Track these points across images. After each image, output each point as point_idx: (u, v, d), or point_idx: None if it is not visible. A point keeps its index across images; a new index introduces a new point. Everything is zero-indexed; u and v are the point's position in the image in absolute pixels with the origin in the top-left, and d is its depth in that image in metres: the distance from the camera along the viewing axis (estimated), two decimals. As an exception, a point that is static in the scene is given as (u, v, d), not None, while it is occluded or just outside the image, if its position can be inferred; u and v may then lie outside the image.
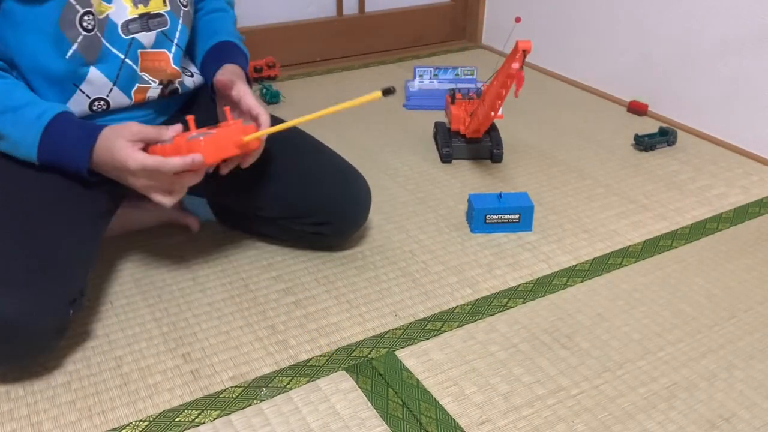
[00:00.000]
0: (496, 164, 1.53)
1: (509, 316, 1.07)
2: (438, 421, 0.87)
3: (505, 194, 1.29)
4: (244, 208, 1.17)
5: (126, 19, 0.97)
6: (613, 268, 1.18)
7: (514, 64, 1.22)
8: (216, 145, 0.92)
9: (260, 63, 1.97)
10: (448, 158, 1.54)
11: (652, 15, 1.75)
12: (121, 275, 1.14)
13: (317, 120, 1.74)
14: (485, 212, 1.25)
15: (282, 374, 0.94)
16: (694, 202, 1.40)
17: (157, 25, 1.01)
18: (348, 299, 1.10)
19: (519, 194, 1.29)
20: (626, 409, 0.90)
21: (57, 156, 0.93)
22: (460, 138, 1.54)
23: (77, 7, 0.92)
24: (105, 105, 1.00)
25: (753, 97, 1.57)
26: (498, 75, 1.29)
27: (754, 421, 0.88)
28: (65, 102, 0.97)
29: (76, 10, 0.92)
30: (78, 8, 0.92)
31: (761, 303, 1.10)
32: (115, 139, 0.91)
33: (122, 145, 0.90)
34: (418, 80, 1.92)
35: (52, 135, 0.91)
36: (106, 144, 0.91)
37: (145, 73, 1.02)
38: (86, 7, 0.93)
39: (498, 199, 1.27)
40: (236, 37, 1.17)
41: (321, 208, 1.13)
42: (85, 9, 0.93)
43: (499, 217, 1.25)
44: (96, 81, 0.98)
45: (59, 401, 0.89)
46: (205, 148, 0.91)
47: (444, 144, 1.54)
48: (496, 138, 1.54)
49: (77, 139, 0.92)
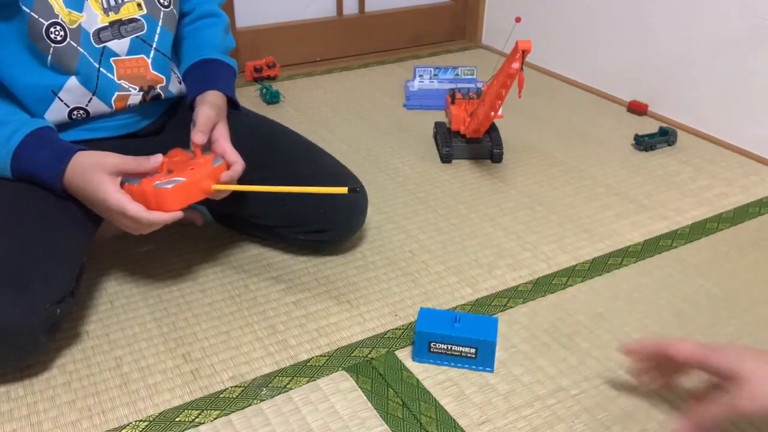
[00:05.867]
0: (496, 164, 1.53)
1: (509, 316, 1.07)
2: (438, 421, 0.87)
3: (465, 316, 0.97)
4: (241, 216, 1.16)
5: (97, 28, 0.96)
6: (613, 268, 1.18)
7: (514, 64, 1.22)
8: (183, 194, 0.92)
9: (260, 63, 1.97)
10: (448, 158, 1.54)
11: (652, 15, 1.75)
12: (121, 275, 1.14)
13: (316, 119, 1.76)
14: (430, 338, 0.94)
15: (282, 374, 0.94)
16: (694, 202, 1.40)
17: (131, 31, 0.99)
18: (348, 299, 1.10)
19: (484, 319, 0.97)
20: (626, 409, 0.90)
21: (30, 176, 0.92)
22: (460, 138, 1.54)
23: (41, 20, 0.90)
24: (84, 114, 0.99)
25: (753, 97, 1.57)
26: (498, 75, 1.29)
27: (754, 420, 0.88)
28: (44, 111, 0.96)
29: (40, 23, 0.90)
30: (42, 21, 0.90)
31: (761, 303, 1.10)
32: (93, 172, 0.90)
33: (101, 180, 0.89)
34: (418, 80, 1.92)
35: (22, 157, 0.91)
36: (81, 172, 0.90)
37: (123, 80, 1.00)
38: (51, 19, 0.90)
39: (454, 322, 0.95)
40: (222, 48, 1.14)
41: (318, 217, 1.12)
42: (50, 21, 0.90)
43: (448, 347, 0.95)
44: (74, 90, 0.96)
45: (59, 401, 0.89)
46: (172, 197, 0.91)
47: (444, 144, 1.54)
48: (496, 138, 1.54)
49: (48, 161, 0.91)
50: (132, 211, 0.89)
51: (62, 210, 0.95)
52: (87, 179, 0.90)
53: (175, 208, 0.92)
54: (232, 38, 1.19)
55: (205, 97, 1.05)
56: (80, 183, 0.91)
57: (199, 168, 0.94)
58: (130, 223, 0.92)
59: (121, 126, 1.05)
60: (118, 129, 1.05)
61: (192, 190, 0.93)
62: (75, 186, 0.92)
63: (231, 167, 0.98)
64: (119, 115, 1.04)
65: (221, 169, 0.97)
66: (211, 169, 0.95)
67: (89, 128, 1.02)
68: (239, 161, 0.99)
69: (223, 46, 1.15)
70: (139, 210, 0.90)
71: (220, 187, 0.95)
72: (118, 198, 0.89)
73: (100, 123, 1.02)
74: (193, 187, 0.93)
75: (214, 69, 1.11)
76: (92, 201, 0.92)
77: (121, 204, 0.89)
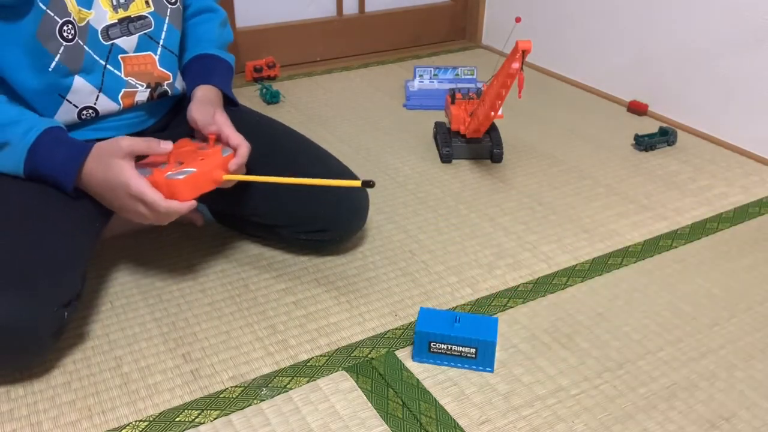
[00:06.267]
0: (496, 164, 1.53)
1: (509, 316, 1.07)
2: (438, 421, 0.87)
3: (465, 316, 0.98)
4: (242, 215, 1.16)
5: (105, 25, 0.96)
6: (613, 268, 1.18)
7: (514, 64, 1.22)
8: (194, 185, 0.92)
9: (260, 63, 1.97)
10: (448, 158, 1.54)
11: (652, 15, 1.75)
12: (121, 275, 1.14)
13: (317, 119, 1.76)
14: (430, 338, 0.95)
15: (282, 374, 0.94)
16: (694, 202, 1.40)
17: (139, 28, 0.99)
18: (348, 299, 1.10)
19: (484, 319, 0.97)
20: (626, 409, 0.90)
21: (43, 175, 0.92)
22: (460, 138, 1.54)
23: (56, 18, 0.90)
24: (93, 113, 0.99)
25: (753, 97, 1.57)
26: (498, 75, 1.29)
27: (754, 421, 0.88)
28: (53, 113, 0.96)
29: (55, 21, 0.90)
30: (57, 19, 0.90)
31: (761, 303, 1.10)
32: (109, 158, 0.90)
33: (121, 165, 0.90)
34: (418, 80, 1.92)
35: (37, 154, 0.91)
36: (98, 164, 0.91)
37: (131, 77, 1.00)
38: (65, 17, 0.90)
39: (454, 322, 0.96)
40: (219, 43, 1.14)
41: (319, 217, 1.12)
42: (64, 19, 0.90)
43: (448, 347, 0.96)
44: (81, 90, 0.96)
45: (59, 401, 0.89)
46: (184, 188, 0.91)
47: (444, 144, 1.53)
48: (496, 138, 1.54)
49: (64, 158, 0.91)
50: (150, 198, 0.89)
51: (70, 211, 0.95)
52: (107, 165, 0.90)
53: (186, 199, 0.92)
54: (230, 32, 1.18)
55: (194, 93, 1.05)
56: (99, 172, 0.91)
57: (209, 158, 0.95)
58: (146, 210, 0.91)
59: (129, 125, 1.05)
60: (126, 128, 1.05)
61: (202, 181, 0.94)
62: (95, 176, 0.92)
63: (237, 151, 0.98)
64: (126, 114, 1.04)
65: (230, 158, 0.97)
66: (221, 159, 0.96)
67: (97, 128, 1.02)
68: (244, 143, 0.99)
69: (220, 40, 1.15)
70: (157, 198, 0.90)
71: (230, 177, 0.96)
72: (138, 183, 0.89)
73: (107, 122, 1.02)
74: (204, 178, 0.94)
75: (210, 64, 1.11)
76: (111, 188, 0.91)
77: (141, 189, 0.89)
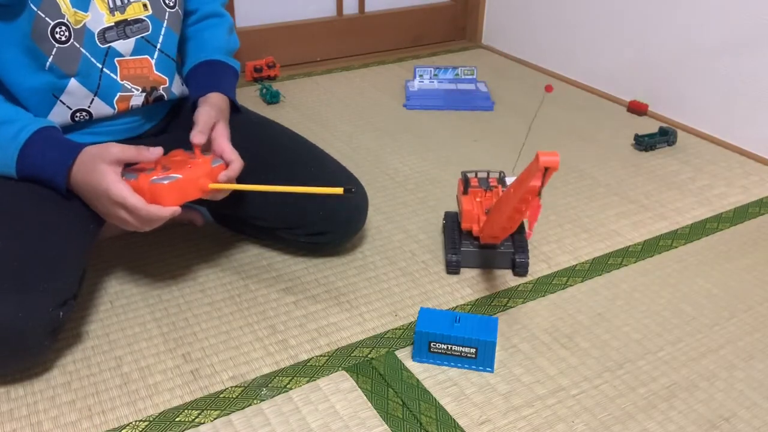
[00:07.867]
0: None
1: (509, 316, 1.07)
2: (438, 421, 0.87)
3: (465, 316, 0.97)
4: (241, 217, 1.16)
5: (102, 28, 0.95)
6: (613, 268, 1.18)
7: (535, 181, 0.91)
8: (178, 191, 0.92)
9: (260, 63, 1.97)
10: (456, 268, 1.15)
11: (652, 15, 1.75)
12: (121, 275, 1.14)
13: (317, 119, 1.76)
14: (430, 338, 0.95)
15: (282, 374, 0.94)
16: (694, 202, 1.40)
17: (136, 32, 0.99)
18: (348, 299, 1.10)
19: (484, 319, 0.97)
20: (626, 409, 0.90)
21: (35, 175, 0.92)
22: (472, 241, 1.16)
23: (47, 20, 0.89)
24: (87, 115, 0.99)
25: (753, 97, 1.57)
26: (516, 185, 0.96)
27: (754, 421, 0.88)
28: (46, 113, 0.96)
29: (46, 23, 0.89)
30: (48, 21, 0.90)
31: (761, 303, 1.10)
32: (94, 163, 0.90)
33: (104, 170, 0.89)
34: (418, 80, 1.92)
35: (28, 154, 0.90)
36: (85, 167, 0.90)
37: (126, 81, 1.00)
38: (57, 19, 0.90)
39: (454, 322, 0.96)
40: (226, 50, 1.14)
41: (318, 219, 1.12)
42: (56, 21, 0.90)
43: (448, 347, 0.96)
44: (76, 92, 0.96)
45: (59, 401, 0.89)
46: (168, 193, 0.91)
47: (451, 247, 1.16)
48: (520, 243, 1.16)
49: (54, 158, 0.91)
50: (131, 203, 0.89)
51: (66, 212, 0.94)
52: (90, 169, 0.90)
53: (169, 204, 0.92)
54: (236, 38, 1.18)
55: (208, 98, 1.04)
56: (84, 175, 0.91)
57: (197, 167, 0.94)
58: (129, 216, 0.91)
59: (124, 129, 1.05)
60: (121, 132, 1.05)
61: (188, 188, 0.93)
62: (80, 179, 0.92)
63: (229, 166, 0.98)
64: (122, 118, 1.03)
65: (220, 169, 0.97)
66: (209, 168, 0.95)
67: (92, 132, 1.02)
68: (237, 160, 0.99)
69: (227, 47, 1.15)
70: (138, 202, 0.89)
71: (216, 186, 0.95)
72: (120, 188, 0.89)
73: (102, 126, 1.02)
74: (189, 185, 0.93)
75: (218, 71, 1.11)
76: (95, 192, 0.91)
77: (122, 194, 0.89)
